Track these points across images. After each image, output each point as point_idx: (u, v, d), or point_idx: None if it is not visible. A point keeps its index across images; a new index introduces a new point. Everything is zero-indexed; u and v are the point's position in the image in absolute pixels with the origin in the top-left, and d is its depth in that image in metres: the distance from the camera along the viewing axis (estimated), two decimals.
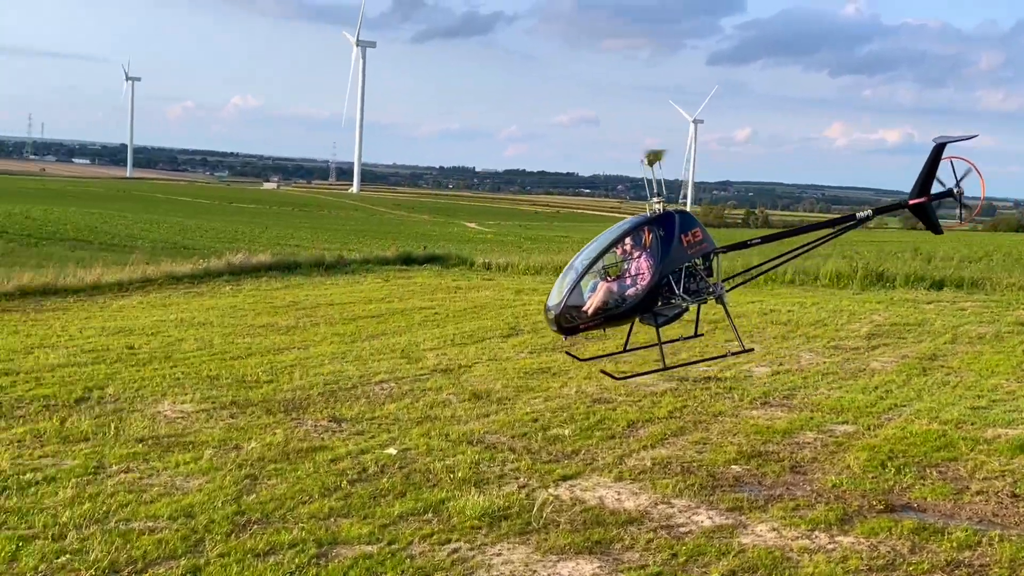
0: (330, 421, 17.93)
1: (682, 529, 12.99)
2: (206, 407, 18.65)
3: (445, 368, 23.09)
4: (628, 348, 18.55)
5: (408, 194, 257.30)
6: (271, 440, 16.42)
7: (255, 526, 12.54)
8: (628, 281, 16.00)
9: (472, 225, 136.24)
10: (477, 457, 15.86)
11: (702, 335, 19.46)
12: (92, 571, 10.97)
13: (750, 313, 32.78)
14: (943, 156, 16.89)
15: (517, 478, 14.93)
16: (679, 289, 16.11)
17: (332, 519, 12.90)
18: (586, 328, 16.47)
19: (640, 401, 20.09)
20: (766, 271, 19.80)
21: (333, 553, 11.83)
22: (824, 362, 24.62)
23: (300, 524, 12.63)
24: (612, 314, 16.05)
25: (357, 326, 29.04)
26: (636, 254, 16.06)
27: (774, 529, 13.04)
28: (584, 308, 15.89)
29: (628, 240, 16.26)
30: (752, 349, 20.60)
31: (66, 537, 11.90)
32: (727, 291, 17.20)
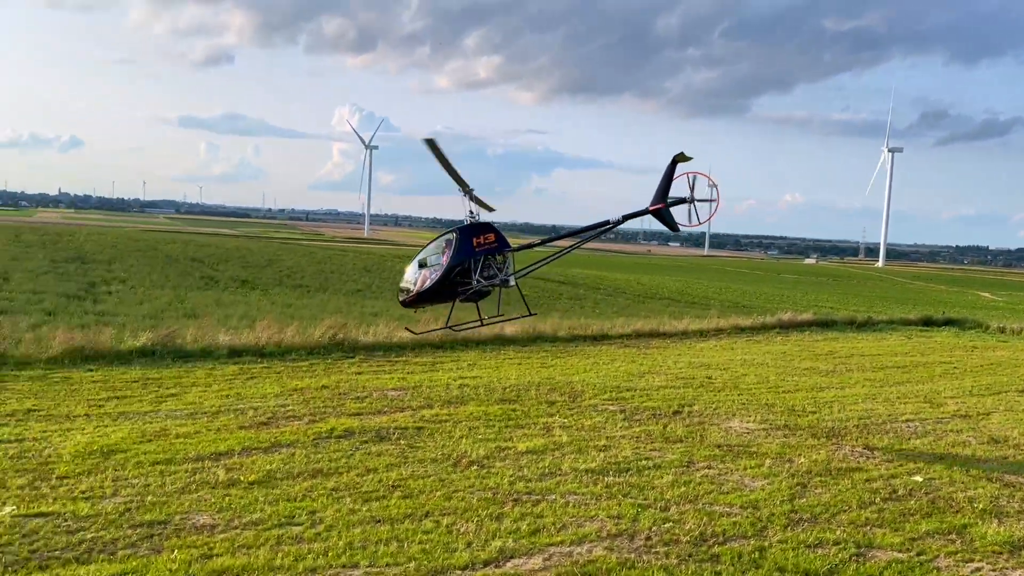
0: (864, 448, 16.72)
1: None
2: (765, 427, 18.31)
3: (964, 414, 20.49)
4: (451, 325, 18.29)
5: (926, 268, 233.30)
6: (816, 458, 15.69)
7: (805, 523, 12.03)
8: (435, 271, 16.88)
9: (986, 295, 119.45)
10: (996, 492, 13.85)
11: (535, 314, 19.25)
12: (688, 537, 11.20)
13: None
14: (678, 173, 16.39)
15: None
16: (475, 275, 16.78)
17: (868, 527, 11.97)
18: (411, 304, 17.50)
19: None
20: (544, 264, 19.01)
21: (869, 555, 10.95)
22: None
23: (841, 527, 11.88)
24: (426, 294, 16.97)
25: (885, 374, 26.87)
26: (445, 252, 16.90)
27: None
28: (411, 290, 17.04)
29: (444, 242, 17.12)
30: (534, 313, 19.02)
31: (669, 509, 12.29)
32: (516, 278, 17.39)
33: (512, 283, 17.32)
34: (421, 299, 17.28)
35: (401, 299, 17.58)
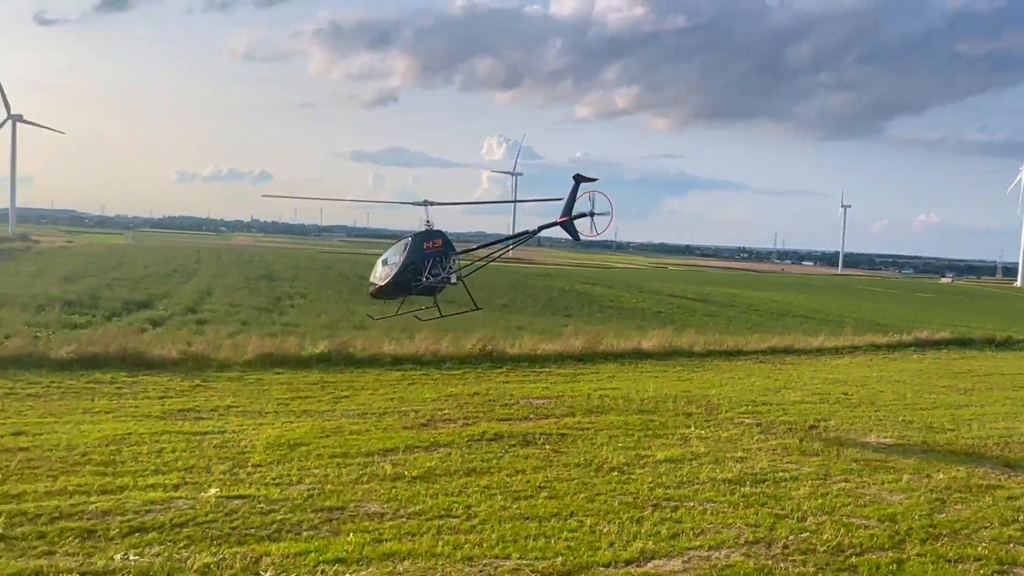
0: (1004, 466, 15.44)
1: None
2: (902, 443, 17.24)
3: None
4: (399, 313, 20.48)
5: None
6: (955, 474, 14.63)
7: (945, 538, 11.27)
8: (393, 268, 18.53)
9: None
10: None
11: (480, 308, 20.87)
12: (824, 547, 10.70)
13: None
14: (581, 192, 18.37)
15: None
16: (425, 273, 18.46)
17: (1011, 544, 11.08)
18: (377, 295, 19.20)
19: None
20: (483, 265, 20.49)
21: (1013, 572, 10.16)
22: None
23: (983, 543, 11.06)
24: (386, 287, 18.64)
25: None
26: (402, 253, 18.64)
27: None
28: (376, 284, 18.74)
29: (402, 245, 18.85)
30: (479, 308, 20.60)
31: (806, 520, 11.80)
32: (461, 276, 19.05)
33: (454, 280, 19.08)
34: (383, 291, 19.03)
35: (370, 291, 19.49)
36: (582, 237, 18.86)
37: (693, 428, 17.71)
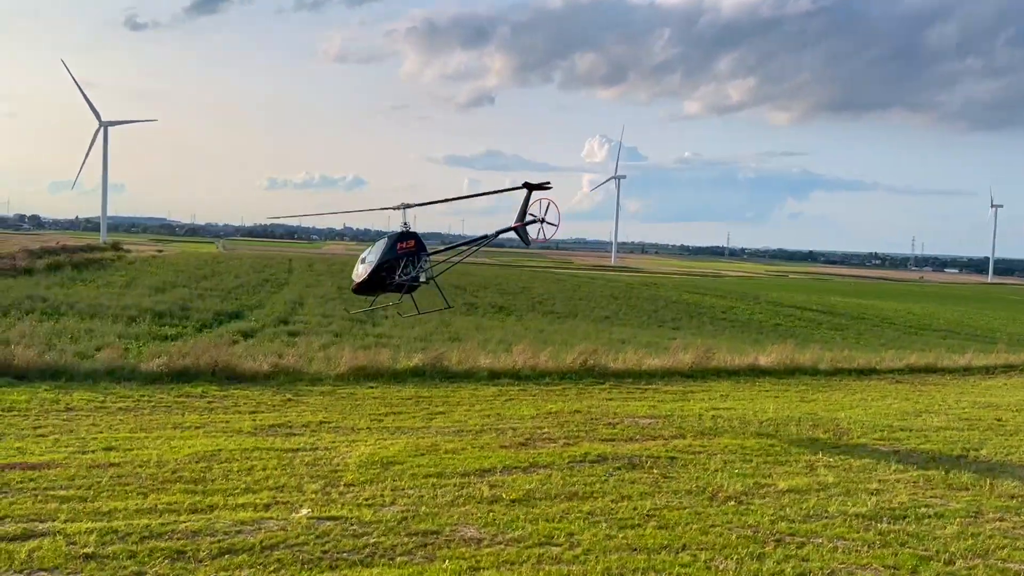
0: None
1: None
2: None
3: None
4: (372, 307, 23.63)
5: None
6: None
7: None
8: (370, 267, 20.35)
9: None
10: None
11: (452, 307, 24.48)
12: None
13: None
14: (533, 198, 20.44)
15: None
16: (399, 271, 20.28)
17: None
18: (357, 291, 21.11)
19: None
20: (452, 266, 22.35)
21: None
22: None
23: None
24: (363, 284, 20.53)
25: None
26: (378, 252, 20.45)
27: None
28: (355, 281, 20.70)
29: (379, 246, 20.69)
30: (451, 307, 23.79)
31: (954, 563, 11.07)
32: (432, 275, 21.03)
33: (423, 279, 20.89)
34: (360, 288, 20.89)
35: (352, 288, 21.36)
36: (531, 240, 21.15)
37: (820, 455, 16.97)
